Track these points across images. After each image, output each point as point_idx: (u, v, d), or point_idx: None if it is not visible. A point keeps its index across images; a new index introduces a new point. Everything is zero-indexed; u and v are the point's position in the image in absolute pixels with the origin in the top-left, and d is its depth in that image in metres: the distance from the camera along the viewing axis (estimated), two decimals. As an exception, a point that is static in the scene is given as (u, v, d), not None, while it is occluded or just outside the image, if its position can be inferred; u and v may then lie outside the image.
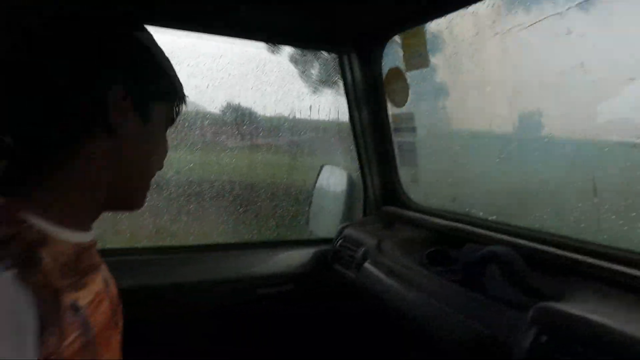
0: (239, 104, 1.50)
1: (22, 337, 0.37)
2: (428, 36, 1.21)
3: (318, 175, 1.68)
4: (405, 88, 1.35)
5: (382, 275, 1.01)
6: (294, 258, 1.43)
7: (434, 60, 1.23)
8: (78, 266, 0.50)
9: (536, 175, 1.08)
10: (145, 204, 0.63)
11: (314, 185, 1.67)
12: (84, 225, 0.55)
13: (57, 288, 0.43)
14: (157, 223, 1.40)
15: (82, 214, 0.54)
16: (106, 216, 0.61)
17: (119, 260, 1.19)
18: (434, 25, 1.21)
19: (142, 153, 0.57)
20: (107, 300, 0.57)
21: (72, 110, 0.49)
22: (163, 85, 0.59)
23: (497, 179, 1.18)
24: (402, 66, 1.33)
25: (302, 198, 1.71)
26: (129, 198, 0.60)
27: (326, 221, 1.61)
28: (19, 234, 0.43)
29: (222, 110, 1.50)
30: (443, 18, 1.16)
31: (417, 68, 1.26)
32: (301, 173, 1.74)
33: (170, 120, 0.63)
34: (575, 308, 0.65)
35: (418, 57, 1.24)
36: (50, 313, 0.41)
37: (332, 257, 1.37)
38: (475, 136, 1.26)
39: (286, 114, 1.57)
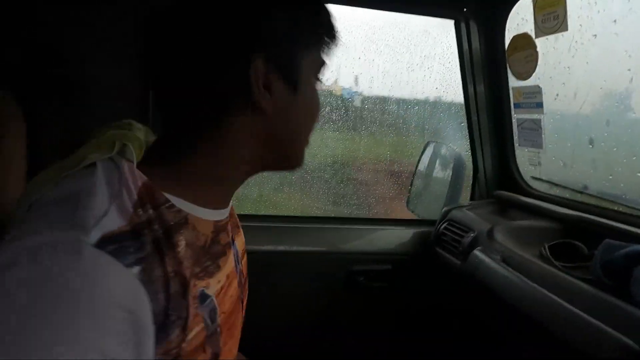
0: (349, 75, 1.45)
1: (140, 336, 0.35)
2: None
3: (422, 153, 1.58)
4: (533, 57, 1.18)
5: (494, 265, 0.91)
6: (392, 237, 1.37)
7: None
8: (214, 248, 0.49)
9: None
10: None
11: (417, 164, 1.58)
12: (224, 202, 0.53)
13: (187, 277, 0.41)
14: (260, 191, 1.44)
15: (225, 190, 0.52)
16: None
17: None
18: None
19: (294, 122, 0.51)
20: (236, 279, 0.55)
21: (210, 87, 0.45)
22: (312, 35, 0.50)
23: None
24: (530, 32, 1.17)
25: (404, 177, 1.63)
26: (285, 162, 0.55)
27: (428, 202, 1.52)
28: (158, 217, 0.41)
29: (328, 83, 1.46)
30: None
31: (553, 32, 1.08)
32: (406, 150, 1.65)
33: (322, 65, 0.53)
34: None
35: (554, 19, 1.07)
36: (175, 307, 0.39)
37: (434, 240, 1.29)
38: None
39: (394, 87, 1.48)
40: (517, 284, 0.83)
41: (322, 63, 0.53)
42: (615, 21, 0.99)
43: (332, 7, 0.53)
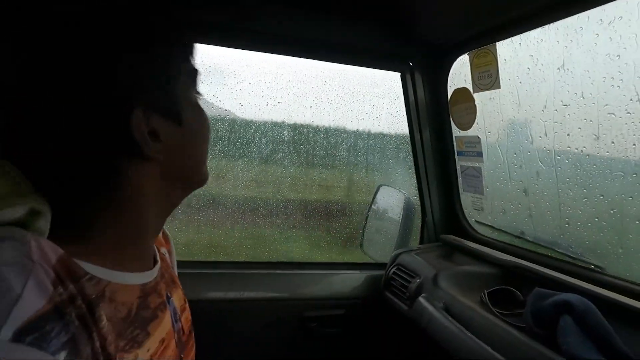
0: (296, 122, 1.49)
1: None
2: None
3: (374, 195, 1.62)
4: (472, 110, 1.27)
5: (437, 314, 0.93)
6: (345, 282, 1.38)
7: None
8: (141, 314, 0.45)
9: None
10: (200, 218, 0.59)
11: (370, 206, 1.62)
12: (146, 262, 0.51)
13: (112, 354, 0.38)
14: (211, 238, 1.42)
15: (141, 250, 0.49)
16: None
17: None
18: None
19: (188, 151, 0.51)
20: (174, 340, 0.52)
21: (93, 153, 0.42)
22: (174, 59, 0.48)
23: (578, 212, 1.05)
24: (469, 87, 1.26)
25: (356, 219, 1.66)
26: (191, 186, 0.55)
27: (380, 245, 1.55)
28: (82, 292, 0.37)
29: (281, 128, 1.50)
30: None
31: (487, 89, 1.17)
32: (357, 193, 1.69)
33: (194, 74, 0.52)
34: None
35: (488, 77, 1.16)
36: None
37: (384, 285, 1.31)
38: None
39: (344, 133, 1.54)
40: (456, 334, 0.86)
41: (193, 72, 0.52)
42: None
43: (285, 58, 0.59)
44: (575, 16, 0.91)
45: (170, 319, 0.52)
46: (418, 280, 1.13)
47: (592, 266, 0.95)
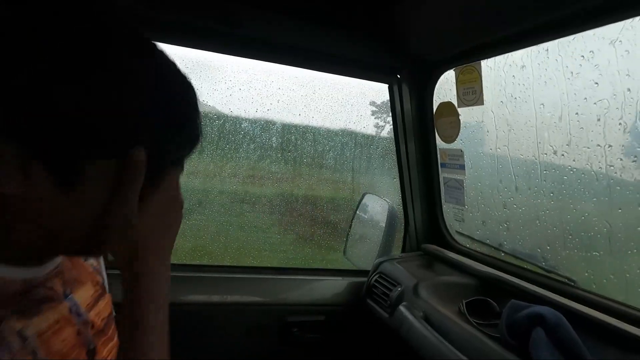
0: (285, 129, 1.51)
1: None
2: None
3: (359, 203, 1.65)
4: (456, 124, 1.31)
5: (416, 323, 0.96)
6: (327, 288, 1.40)
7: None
8: (28, 297, 0.47)
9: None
10: (183, 223, 0.55)
11: (354, 214, 1.65)
12: (35, 260, 0.49)
13: None
14: (195, 242, 1.42)
15: (27, 251, 0.47)
16: None
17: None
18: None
19: (60, 219, 0.43)
20: (72, 327, 0.52)
21: None
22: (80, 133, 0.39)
23: (554, 225, 1.09)
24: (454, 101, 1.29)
25: (340, 227, 1.69)
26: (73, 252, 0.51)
27: (363, 252, 1.58)
28: None
29: (269, 135, 1.51)
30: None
31: (471, 105, 1.21)
32: (342, 200, 1.72)
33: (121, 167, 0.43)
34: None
35: (472, 94, 1.20)
36: None
37: (365, 292, 1.33)
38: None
39: (332, 142, 1.56)
40: (434, 344, 0.88)
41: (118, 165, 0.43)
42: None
43: (275, 66, 0.52)
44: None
45: (67, 309, 0.52)
46: (399, 289, 1.16)
47: (565, 280, 0.99)
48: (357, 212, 1.64)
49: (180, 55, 1.22)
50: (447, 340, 0.88)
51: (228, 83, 1.27)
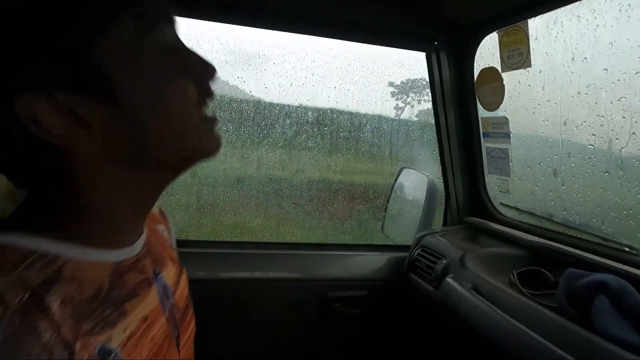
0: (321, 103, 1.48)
1: None
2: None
3: (396, 178, 1.62)
4: (500, 90, 1.24)
5: (466, 294, 0.93)
6: (367, 263, 1.39)
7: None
8: (115, 293, 0.42)
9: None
10: (224, 197, 0.52)
11: (392, 189, 1.61)
12: (122, 241, 0.46)
13: (69, 341, 0.35)
14: (235, 218, 1.44)
15: (113, 229, 0.44)
16: (190, 210, 0.58)
17: (199, 252, 1.24)
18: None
19: (145, 125, 0.40)
20: (162, 318, 0.49)
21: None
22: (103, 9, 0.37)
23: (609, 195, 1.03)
24: (497, 66, 1.23)
25: (379, 202, 1.66)
26: (184, 159, 0.45)
27: (402, 227, 1.55)
28: (17, 283, 0.33)
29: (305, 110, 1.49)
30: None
31: (517, 68, 1.14)
32: (381, 175, 1.69)
33: (145, 18, 0.40)
34: None
35: (518, 56, 1.13)
36: None
37: (408, 266, 1.31)
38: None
39: (369, 114, 1.52)
40: (487, 312, 0.85)
41: (146, 29, 0.40)
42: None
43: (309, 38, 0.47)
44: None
45: (156, 297, 0.49)
46: (444, 262, 1.13)
47: (626, 248, 0.93)
48: (395, 187, 1.60)
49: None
50: (500, 310, 0.85)
51: (262, 58, 1.26)
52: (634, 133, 0.92)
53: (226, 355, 1.22)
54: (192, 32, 1.19)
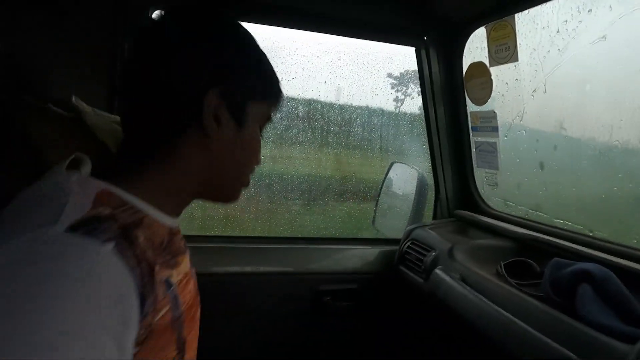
0: (311, 98, 1.49)
1: (126, 305, 0.39)
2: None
3: (387, 172, 1.63)
4: (488, 84, 1.26)
5: (454, 283, 0.95)
6: (359, 257, 1.40)
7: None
8: (170, 247, 0.54)
9: None
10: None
11: (382, 183, 1.63)
12: (176, 211, 0.58)
13: (151, 263, 0.46)
14: (226, 212, 1.43)
15: (176, 202, 0.57)
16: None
17: (190, 246, 1.24)
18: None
19: (236, 155, 0.58)
20: (192, 280, 0.60)
21: (169, 109, 0.52)
22: (261, 84, 0.58)
23: (592, 188, 1.05)
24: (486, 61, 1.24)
25: (370, 196, 1.67)
26: (222, 192, 0.62)
27: (393, 221, 1.56)
28: (117, 215, 0.45)
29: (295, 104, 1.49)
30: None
31: (505, 62, 1.16)
32: (370, 170, 1.70)
33: (267, 119, 0.63)
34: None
35: (506, 50, 1.15)
36: (146, 285, 0.43)
37: (398, 259, 1.32)
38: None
39: (359, 109, 1.53)
40: (475, 302, 0.87)
41: (267, 116, 0.62)
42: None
43: (299, 33, 0.62)
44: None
45: (188, 263, 0.61)
46: (434, 254, 1.15)
47: (610, 238, 0.95)
48: (385, 181, 1.62)
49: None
50: (488, 300, 0.86)
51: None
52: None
53: (219, 350, 1.22)
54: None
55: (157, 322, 0.45)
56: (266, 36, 1.31)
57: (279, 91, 0.62)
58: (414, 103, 1.54)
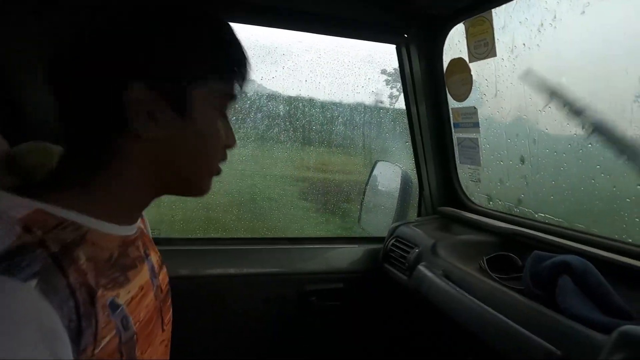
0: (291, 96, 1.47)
1: (56, 343, 0.36)
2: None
3: (371, 171, 1.63)
4: (468, 80, 1.26)
5: (437, 280, 0.94)
6: (344, 256, 1.39)
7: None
8: (121, 261, 0.50)
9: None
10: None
11: (367, 182, 1.62)
12: (131, 218, 0.54)
13: (92, 288, 0.42)
14: (209, 214, 1.42)
15: (128, 208, 0.53)
16: (163, 207, 0.60)
17: (174, 249, 1.22)
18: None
19: (189, 146, 0.52)
20: (152, 291, 0.56)
21: (95, 109, 0.47)
22: (205, 64, 0.51)
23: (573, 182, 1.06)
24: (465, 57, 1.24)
25: (354, 195, 1.67)
26: (187, 186, 0.56)
27: (378, 219, 1.56)
28: (49, 240, 0.41)
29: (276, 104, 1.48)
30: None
31: (483, 58, 1.16)
32: (354, 168, 1.69)
33: (230, 98, 0.55)
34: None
35: (484, 46, 1.15)
36: (83, 317, 0.40)
37: (383, 257, 1.32)
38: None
39: (340, 107, 1.52)
40: (457, 297, 0.87)
41: (226, 95, 0.54)
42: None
43: (279, 31, 0.58)
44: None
45: (148, 273, 0.57)
46: (417, 250, 1.14)
47: (589, 230, 0.96)
48: (370, 180, 1.61)
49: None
50: (470, 295, 0.86)
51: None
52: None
53: (206, 351, 1.20)
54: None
55: (98, 353, 0.41)
56: (245, 35, 1.30)
57: (239, 66, 0.54)
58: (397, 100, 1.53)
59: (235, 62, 0.53)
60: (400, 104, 1.46)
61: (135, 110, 0.46)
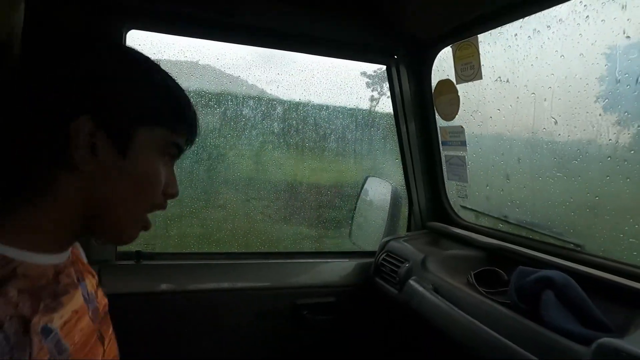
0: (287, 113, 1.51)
1: None
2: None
3: (362, 186, 1.66)
4: (456, 101, 1.31)
5: (427, 294, 0.98)
6: (335, 270, 1.41)
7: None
8: (53, 288, 0.50)
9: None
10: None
11: (358, 197, 1.66)
12: (60, 248, 0.54)
13: (26, 316, 0.43)
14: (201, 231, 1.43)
15: (57, 238, 0.53)
16: (157, 222, 0.61)
17: (167, 264, 1.24)
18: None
19: (120, 188, 0.52)
20: (87, 315, 0.56)
21: (33, 136, 0.48)
22: (153, 109, 0.53)
23: (556, 196, 1.11)
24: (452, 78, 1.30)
25: (345, 210, 1.70)
26: (112, 231, 0.56)
27: (369, 234, 1.59)
28: None
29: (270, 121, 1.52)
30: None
31: (470, 80, 1.22)
32: (345, 184, 1.73)
33: (176, 149, 0.57)
34: (643, 345, 0.59)
35: (470, 69, 1.21)
36: (15, 348, 0.41)
37: (374, 271, 1.35)
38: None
39: (332, 125, 1.56)
40: (446, 311, 0.90)
41: (172, 143, 0.56)
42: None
43: (269, 51, 0.61)
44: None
45: (81, 297, 0.57)
46: (407, 265, 1.17)
47: (572, 245, 1.00)
48: (361, 195, 1.65)
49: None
50: (458, 309, 0.90)
51: (228, 70, 1.28)
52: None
53: None
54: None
55: None
56: (240, 55, 1.34)
57: (186, 117, 0.56)
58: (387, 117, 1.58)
59: (174, 110, 0.55)
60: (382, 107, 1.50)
61: (78, 141, 0.47)
